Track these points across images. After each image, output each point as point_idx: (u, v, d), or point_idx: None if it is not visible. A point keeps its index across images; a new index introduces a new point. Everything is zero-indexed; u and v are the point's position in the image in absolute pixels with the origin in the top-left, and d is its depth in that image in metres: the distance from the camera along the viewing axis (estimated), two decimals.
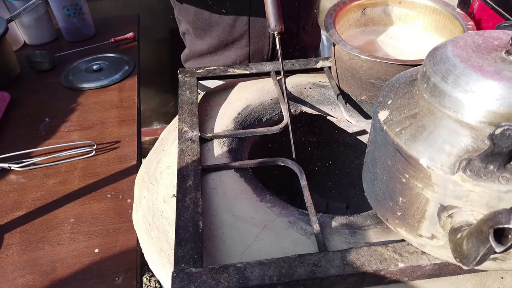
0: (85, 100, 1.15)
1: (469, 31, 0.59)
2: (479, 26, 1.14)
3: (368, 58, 0.65)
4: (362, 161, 0.96)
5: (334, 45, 0.75)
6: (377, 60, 0.65)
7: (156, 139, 0.80)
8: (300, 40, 1.06)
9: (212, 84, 0.96)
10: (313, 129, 0.90)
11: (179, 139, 0.67)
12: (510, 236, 0.30)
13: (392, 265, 0.48)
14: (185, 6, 1.00)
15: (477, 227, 0.34)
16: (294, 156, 0.69)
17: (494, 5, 1.04)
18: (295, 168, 0.63)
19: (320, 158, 0.99)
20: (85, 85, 1.20)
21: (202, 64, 1.08)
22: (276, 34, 0.73)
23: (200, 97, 0.84)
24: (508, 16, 1.02)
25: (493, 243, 0.30)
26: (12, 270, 0.71)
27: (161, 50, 2.00)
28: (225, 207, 0.59)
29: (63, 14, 1.35)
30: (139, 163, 0.95)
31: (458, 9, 0.74)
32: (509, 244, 0.30)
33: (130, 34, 1.42)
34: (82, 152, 0.96)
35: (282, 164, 0.64)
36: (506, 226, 0.29)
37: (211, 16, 0.97)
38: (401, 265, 0.48)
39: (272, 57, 1.05)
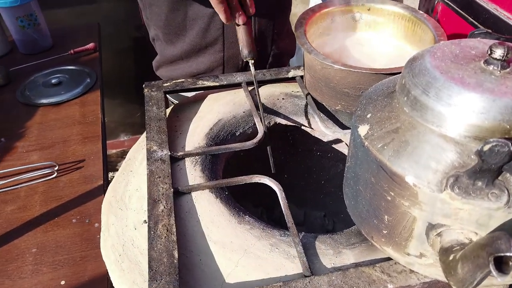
0: (44, 117, 1.08)
1: (444, 41, 0.59)
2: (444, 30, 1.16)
3: (342, 68, 0.64)
4: (338, 169, 0.96)
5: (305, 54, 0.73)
6: (351, 69, 0.63)
7: (124, 151, 0.76)
8: (276, 46, 1.04)
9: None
10: (287, 140, 0.87)
11: (148, 159, 0.63)
12: (511, 264, 0.29)
13: (381, 287, 0.46)
14: (156, 10, 0.95)
15: (472, 251, 0.33)
16: (273, 171, 0.66)
17: (458, 9, 1.06)
18: (274, 185, 0.60)
19: (296, 168, 0.97)
20: (44, 101, 1.13)
21: (175, 71, 1.03)
22: (250, 61, 0.73)
23: (169, 110, 0.80)
24: (472, 19, 1.04)
25: (494, 272, 0.28)
26: None
27: (124, 60, 1.93)
28: (202, 232, 0.55)
29: (17, 25, 1.27)
30: (106, 183, 0.89)
31: (426, 14, 0.74)
32: (511, 272, 0.28)
33: (91, 45, 1.35)
34: (43, 174, 0.89)
35: (259, 181, 0.62)
36: (508, 254, 0.28)
37: (184, 19, 0.93)
38: (390, 286, 0.46)
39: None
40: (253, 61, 0.74)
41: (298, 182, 0.99)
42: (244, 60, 0.75)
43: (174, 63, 1.03)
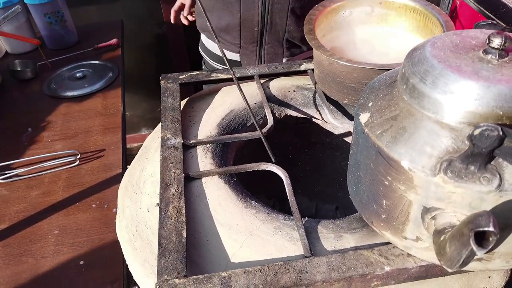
0: (68, 108, 1.13)
1: (447, 31, 0.59)
2: (461, 24, 1.15)
3: (347, 64, 0.65)
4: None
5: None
6: (355, 65, 0.64)
7: None
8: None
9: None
10: (298, 131, 0.89)
11: (161, 146, 0.66)
12: (490, 239, 0.30)
13: (378, 269, 0.47)
14: None
15: (458, 230, 0.34)
16: (273, 160, 0.68)
17: (475, 3, 1.05)
18: (280, 172, 0.62)
19: (308, 160, 0.98)
20: (69, 93, 1.18)
21: (203, 20, 1.12)
22: None
23: (184, 102, 0.83)
24: (488, 13, 1.03)
25: (474, 246, 0.30)
26: None
27: (147, 56, 1.98)
28: (210, 215, 0.58)
29: (45, 22, 1.33)
30: (124, 171, 0.93)
31: (437, 8, 0.74)
32: (490, 247, 0.30)
33: (114, 41, 1.40)
34: (66, 162, 0.94)
35: (266, 169, 0.64)
36: (486, 229, 0.29)
37: None
38: (387, 268, 0.47)
39: (263, 30, 1.04)
40: None
41: (310, 174, 1.01)
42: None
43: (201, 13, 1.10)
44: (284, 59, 1.10)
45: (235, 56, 1.12)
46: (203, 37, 1.21)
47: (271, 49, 1.07)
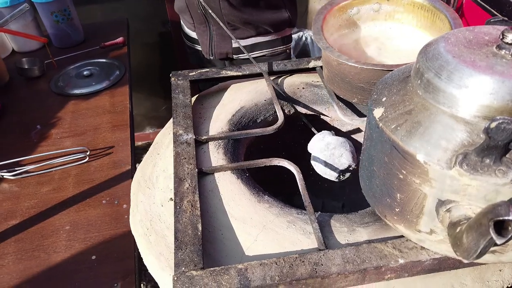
0: (76, 106, 1.14)
1: (460, 28, 0.60)
2: (467, 22, 1.16)
3: (356, 65, 0.65)
4: (357, 159, 0.97)
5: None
6: (364, 66, 0.65)
7: (149, 143, 0.80)
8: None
9: None
10: (307, 128, 0.90)
11: (174, 142, 0.67)
12: (510, 228, 0.31)
13: (392, 261, 0.48)
14: None
15: (476, 220, 0.35)
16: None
17: (481, 1, 1.05)
18: (292, 168, 0.63)
19: None
20: (76, 91, 1.19)
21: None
22: None
23: (193, 99, 0.84)
24: (494, 11, 1.04)
25: (493, 235, 0.30)
26: (8, 280, 0.70)
27: (150, 55, 1.99)
28: (223, 209, 0.59)
29: (52, 20, 1.34)
30: (133, 168, 0.94)
31: (445, 4, 0.75)
32: (509, 236, 0.30)
33: (120, 39, 1.41)
34: (75, 158, 0.95)
35: (278, 164, 0.64)
36: (506, 218, 0.30)
37: None
38: (401, 261, 0.48)
39: (206, 12, 1.09)
40: None
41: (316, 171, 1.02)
42: None
43: None
44: (233, 41, 1.16)
45: (194, 34, 1.24)
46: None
47: (218, 31, 1.16)
